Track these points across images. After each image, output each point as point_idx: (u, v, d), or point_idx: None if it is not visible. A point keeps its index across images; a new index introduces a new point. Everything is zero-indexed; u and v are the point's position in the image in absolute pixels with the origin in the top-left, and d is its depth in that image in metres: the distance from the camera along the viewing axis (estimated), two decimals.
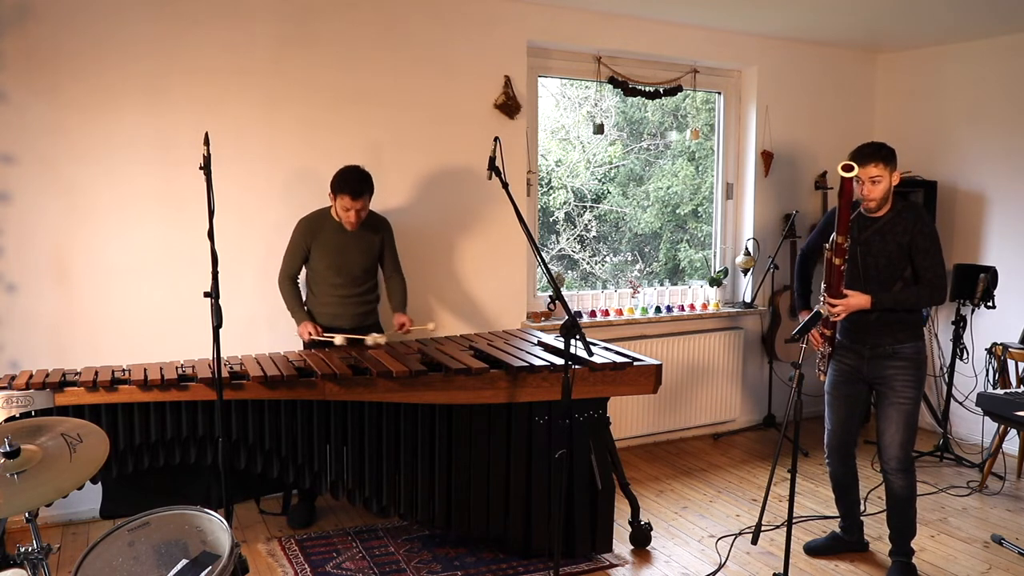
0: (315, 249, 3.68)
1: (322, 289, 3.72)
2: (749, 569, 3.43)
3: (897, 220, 3.17)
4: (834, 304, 3.14)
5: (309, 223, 3.70)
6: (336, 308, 3.70)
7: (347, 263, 3.68)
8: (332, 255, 3.66)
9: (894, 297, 3.14)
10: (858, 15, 4.54)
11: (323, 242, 3.66)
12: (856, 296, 3.14)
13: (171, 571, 2.08)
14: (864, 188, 3.14)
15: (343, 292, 3.70)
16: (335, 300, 3.70)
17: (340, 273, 3.68)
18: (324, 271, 3.68)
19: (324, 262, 3.67)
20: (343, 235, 3.67)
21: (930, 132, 5.30)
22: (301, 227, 3.70)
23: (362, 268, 3.72)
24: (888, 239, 3.17)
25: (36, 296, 3.57)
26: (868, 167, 3.10)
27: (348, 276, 3.69)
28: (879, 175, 3.11)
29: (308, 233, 3.68)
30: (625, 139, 5.76)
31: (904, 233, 3.14)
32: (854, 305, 3.14)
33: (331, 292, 3.70)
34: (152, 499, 2.68)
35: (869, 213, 3.22)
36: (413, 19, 4.13)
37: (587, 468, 3.37)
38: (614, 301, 5.00)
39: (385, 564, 3.38)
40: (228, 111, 3.79)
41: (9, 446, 1.98)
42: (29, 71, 3.45)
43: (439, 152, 4.27)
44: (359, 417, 3.18)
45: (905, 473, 3.23)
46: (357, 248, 3.69)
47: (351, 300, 3.72)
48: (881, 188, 3.13)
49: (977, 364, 4.87)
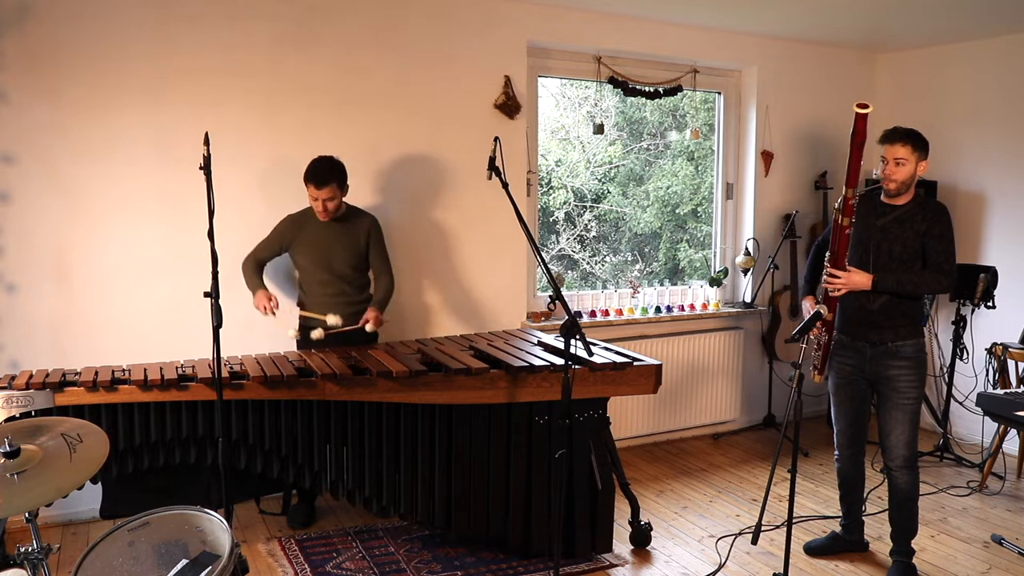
0: (299, 244, 3.70)
1: (313, 290, 3.73)
2: (749, 569, 3.43)
3: (917, 211, 3.15)
4: (836, 275, 3.10)
5: (293, 219, 3.73)
6: (327, 308, 3.70)
7: (331, 257, 3.69)
8: (316, 249, 3.68)
9: (897, 278, 3.10)
10: (858, 15, 4.54)
11: (307, 237, 3.69)
12: (858, 273, 3.11)
13: (171, 571, 2.08)
14: (888, 168, 3.10)
15: (332, 290, 3.71)
16: (325, 300, 3.70)
17: (327, 269, 3.69)
18: (310, 267, 3.70)
19: (309, 256, 3.69)
20: (328, 229, 3.69)
21: (930, 132, 5.19)
22: (284, 221, 3.74)
23: (348, 264, 3.71)
24: (907, 228, 3.13)
25: (36, 296, 3.57)
26: (896, 146, 3.07)
27: (334, 272, 3.70)
28: (904, 158, 3.07)
29: (291, 229, 3.71)
30: (625, 139, 5.76)
31: (923, 222, 3.12)
32: (855, 282, 3.10)
33: (320, 291, 3.71)
34: (152, 499, 2.68)
35: (888, 198, 3.19)
36: (413, 19, 4.13)
37: (587, 468, 3.37)
38: (614, 301, 5.00)
39: (385, 564, 3.38)
40: (228, 111, 3.79)
41: (9, 446, 1.98)
42: (29, 71, 3.45)
43: (439, 152, 4.27)
44: (359, 417, 3.18)
45: (910, 470, 3.23)
46: (340, 243, 3.70)
47: (341, 300, 3.71)
48: (904, 171, 3.08)
49: (977, 364, 4.87)
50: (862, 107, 2.89)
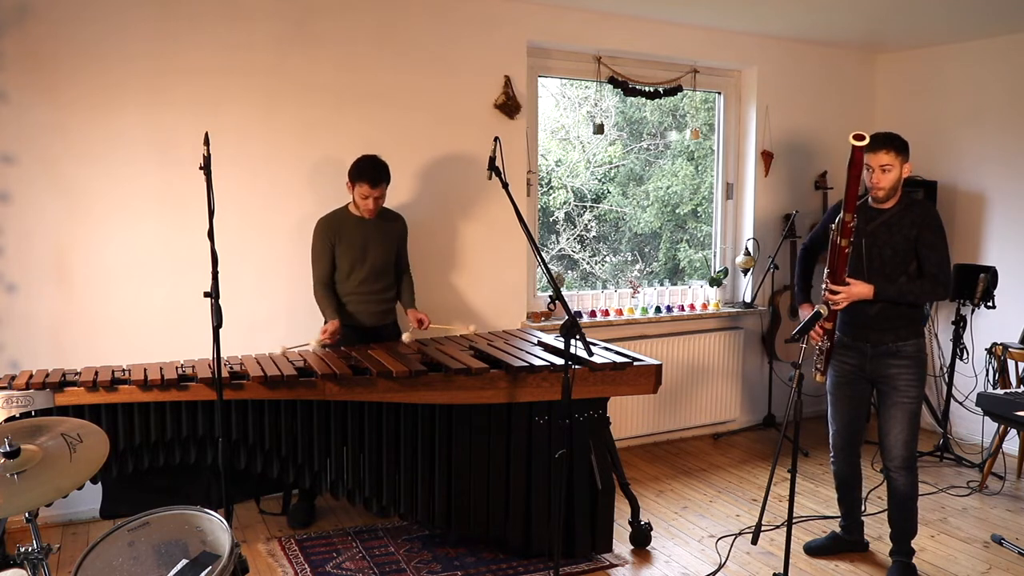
0: (341, 245, 3.70)
1: (343, 288, 3.75)
2: (749, 569, 3.43)
3: (905, 213, 3.15)
4: (836, 291, 3.10)
5: (329, 222, 3.71)
6: (355, 306, 3.74)
7: (370, 256, 3.71)
8: (355, 249, 3.69)
9: (898, 289, 3.11)
10: (858, 15, 4.54)
11: (346, 237, 3.69)
12: (859, 284, 3.11)
13: (171, 571, 2.08)
14: (874, 176, 3.11)
15: (364, 289, 3.73)
16: (355, 298, 3.73)
17: (364, 267, 3.70)
18: (348, 267, 3.71)
19: (349, 256, 3.70)
20: (364, 228, 3.70)
21: (930, 132, 5.29)
22: (322, 227, 3.71)
23: (384, 261, 3.76)
24: (895, 232, 3.14)
25: (36, 296, 3.57)
26: (879, 153, 3.08)
27: (371, 270, 3.72)
28: (889, 163, 3.09)
29: (331, 232, 3.70)
30: (625, 139, 5.76)
31: (912, 226, 3.12)
32: (856, 294, 3.10)
33: (352, 289, 3.73)
34: (152, 499, 2.68)
35: (876, 203, 3.19)
36: (413, 19, 4.13)
37: (587, 468, 3.37)
38: (614, 301, 5.00)
39: (385, 564, 3.38)
40: (228, 111, 3.79)
41: (9, 446, 1.98)
42: (29, 71, 3.45)
43: (439, 152, 4.27)
44: (359, 417, 3.18)
45: (909, 471, 3.23)
46: (379, 240, 3.73)
47: (371, 298, 3.75)
48: (891, 177, 3.10)
49: (977, 364, 4.87)
50: (858, 139, 2.90)
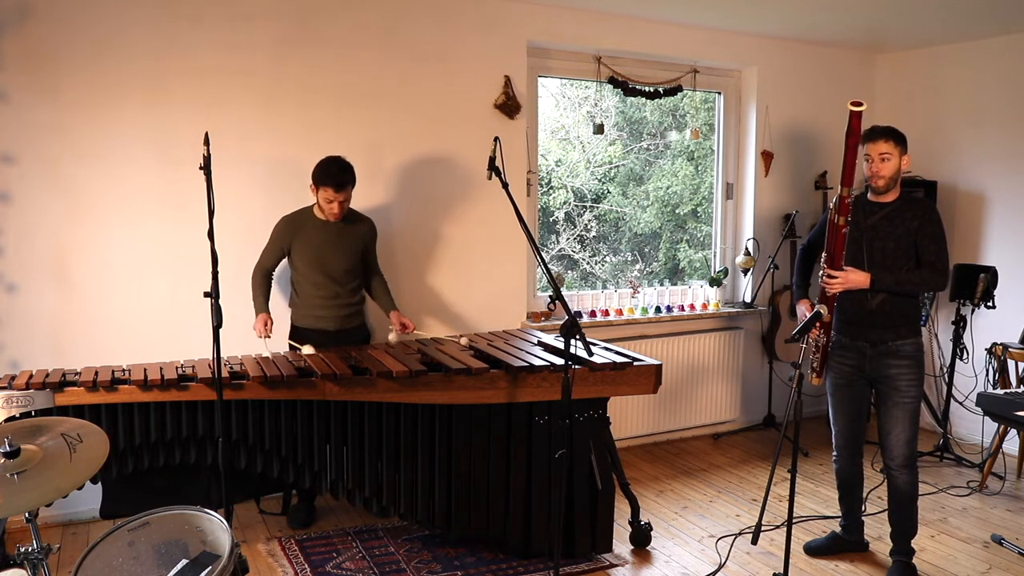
0: (296, 246, 3.66)
1: (305, 290, 3.71)
2: (749, 569, 3.43)
3: (906, 207, 3.16)
4: (833, 275, 3.09)
5: (290, 220, 3.69)
6: (320, 311, 3.69)
7: (329, 260, 3.66)
8: (313, 251, 3.65)
9: (895, 278, 3.11)
10: (858, 15, 4.54)
11: (304, 239, 3.65)
12: (855, 272, 3.11)
13: (171, 571, 2.08)
14: (873, 165, 3.12)
15: (325, 292, 3.68)
16: (318, 302, 3.69)
17: (322, 271, 3.65)
18: (306, 269, 3.66)
19: (305, 258, 3.65)
20: (325, 231, 3.66)
21: (930, 132, 5.29)
22: (281, 224, 3.70)
23: (343, 267, 3.69)
24: (897, 224, 3.14)
25: (36, 296, 3.57)
26: (879, 143, 3.09)
27: (330, 275, 3.67)
28: (888, 152, 3.09)
29: (289, 230, 3.67)
30: (625, 139, 5.76)
31: (913, 219, 3.13)
32: (853, 280, 3.10)
33: (314, 293, 3.69)
34: (152, 499, 2.68)
35: (876, 196, 3.20)
36: (413, 19, 4.13)
37: (587, 468, 3.37)
38: (614, 301, 5.00)
39: (385, 564, 3.38)
40: (228, 111, 3.79)
41: (9, 446, 1.98)
42: (29, 71, 3.45)
43: (439, 152, 4.27)
44: (359, 417, 3.18)
45: (910, 470, 3.24)
46: (339, 245, 3.67)
47: (335, 303, 3.70)
48: (890, 166, 3.10)
49: (977, 364, 4.87)
50: (856, 105, 2.91)
